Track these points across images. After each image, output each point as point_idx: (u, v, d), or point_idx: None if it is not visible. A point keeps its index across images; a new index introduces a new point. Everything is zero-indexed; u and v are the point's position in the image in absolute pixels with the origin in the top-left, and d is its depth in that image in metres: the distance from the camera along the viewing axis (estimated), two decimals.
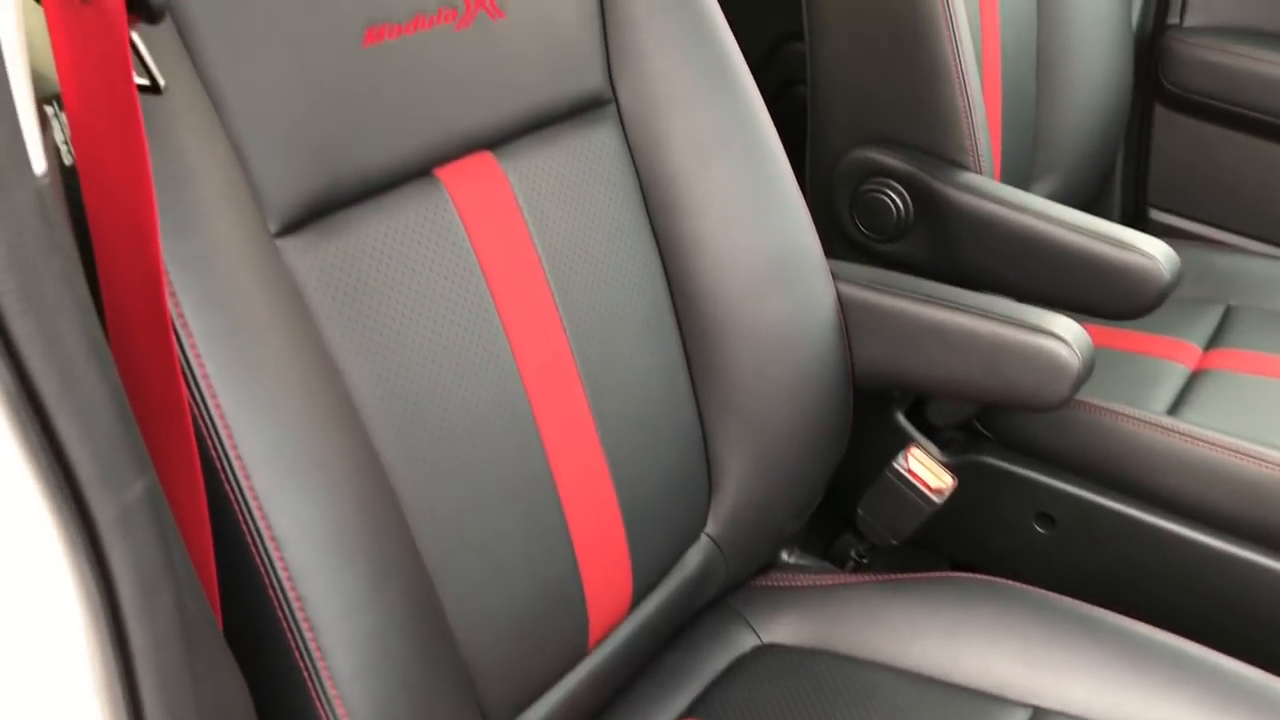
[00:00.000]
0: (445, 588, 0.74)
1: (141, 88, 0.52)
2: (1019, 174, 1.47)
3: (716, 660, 0.97)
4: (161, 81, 0.52)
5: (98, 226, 0.55)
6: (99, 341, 0.43)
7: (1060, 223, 1.16)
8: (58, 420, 0.40)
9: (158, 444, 0.52)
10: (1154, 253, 1.12)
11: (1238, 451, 1.13)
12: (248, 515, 0.61)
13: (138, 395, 0.52)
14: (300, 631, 0.63)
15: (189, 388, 0.59)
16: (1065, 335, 0.96)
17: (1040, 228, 1.16)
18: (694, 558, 0.96)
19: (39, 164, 0.41)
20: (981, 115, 1.22)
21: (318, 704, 0.63)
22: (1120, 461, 1.17)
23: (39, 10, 0.51)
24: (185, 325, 0.59)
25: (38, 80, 0.54)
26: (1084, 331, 0.99)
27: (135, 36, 0.51)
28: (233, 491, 0.61)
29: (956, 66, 1.19)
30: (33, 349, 0.39)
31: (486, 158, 0.83)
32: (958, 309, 0.99)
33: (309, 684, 0.63)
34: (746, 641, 0.99)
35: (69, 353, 0.41)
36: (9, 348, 0.39)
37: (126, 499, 0.44)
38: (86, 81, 0.51)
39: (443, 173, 0.80)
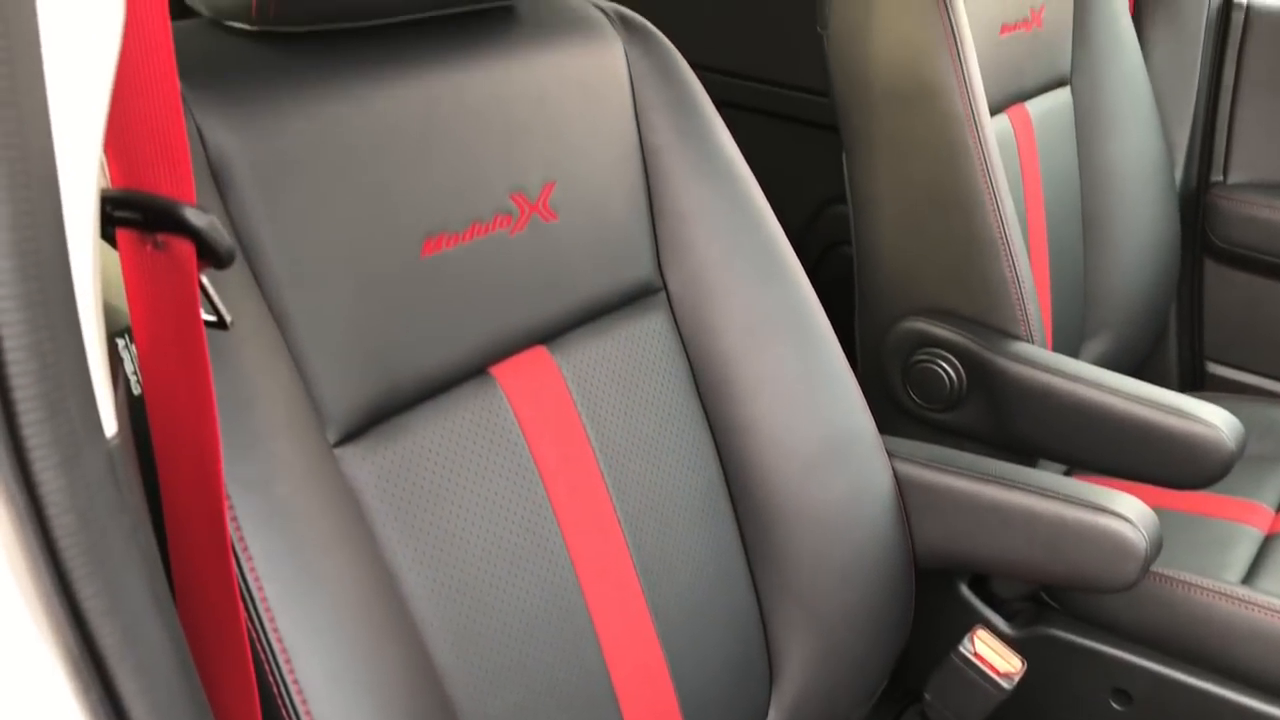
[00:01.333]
0: None
1: (209, 323, 0.54)
2: (1071, 334, 1.46)
3: None
4: (228, 318, 0.54)
5: (163, 455, 0.57)
6: (163, 594, 0.43)
7: (1117, 392, 1.14)
8: (119, 678, 0.40)
9: (218, 682, 0.52)
10: (1215, 421, 1.10)
11: None
12: None
13: (198, 630, 0.53)
14: None
15: (248, 613, 0.59)
16: (1130, 515, 0.94)
17: (1096, 397, 1.15)
18: None
19: (110, 426, 0.42)
20: (1030, 283, 1.23)
21: None
22: (1196, 635, 1.13)
23: (113, 250, 0.54)
24: (245, 549, 0.60)
25: (111, 313, 0.56)
26: (1149, 511, 0.97)
27: (204, 278, 0.53)
28: (290, 718, 0.60)
29: (1002, 236, 1.20)
30: (98, 608, 0.40)
31: (540, 352, 0.84)
32: (1017, 487, 0.97)
33: None
34: None
35: (133, 609, 0.41)
36: (75, 609, 0.39)
37: None
38: (156, 320, 0.53)
39: (498, 370, 0.81)
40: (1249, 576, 1.23)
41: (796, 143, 1.87)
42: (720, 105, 0.99)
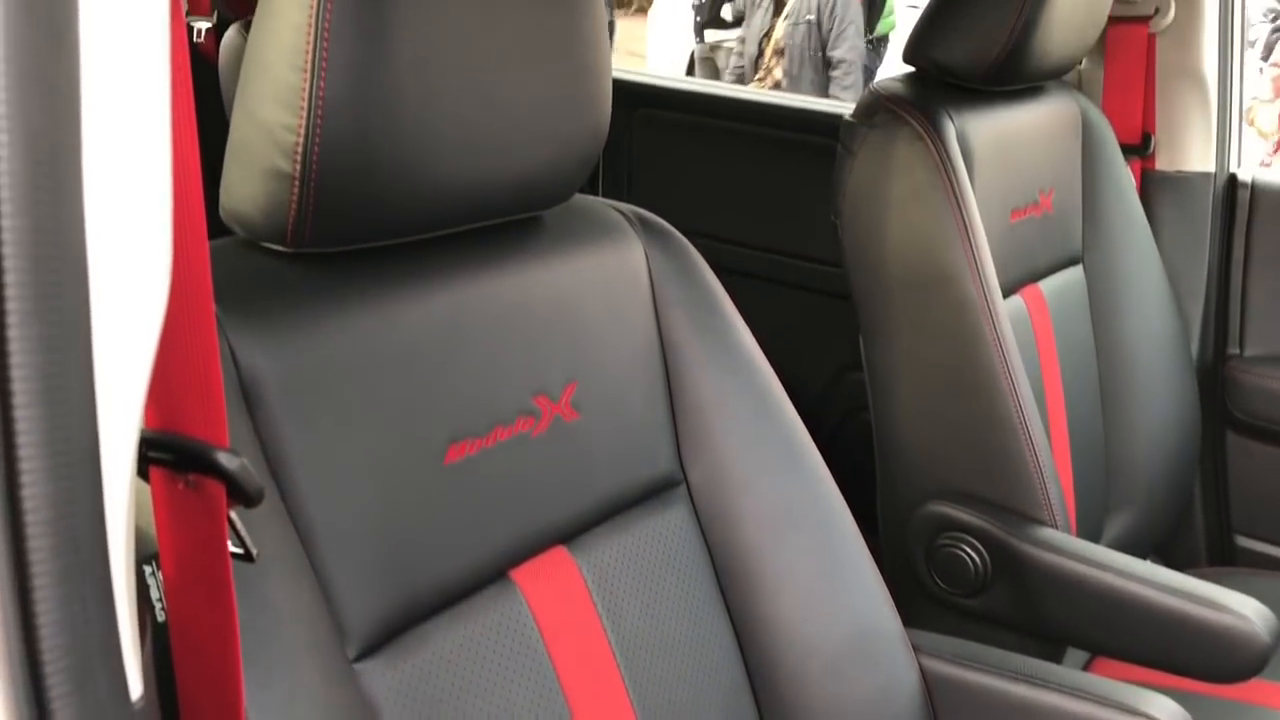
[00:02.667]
0: None
1: (235, 556, 0.55)
2: (1094, 511, 1.45)
3: None
4: (255, 551, 0.55)
5: (184, 682, 0.57)
6: None
7: (1145, 580, 1.13)
8: None
9: None
10: (1248, 613, 1.08)
11: None
12: None
13: None
14: None
15: None
16: (1164, 719, 0.92)
17: (1124, 586, 1.13)
18: None
19: (136, 688, 0.42)
20: (1051, 466, 1.22)
21: None
22: None
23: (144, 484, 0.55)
24: None
25: (139, 538, 0.57)
26: (1184, 712, 0.94)
27: (233, 514, 0.54)
28: None
29: (1021, 420, 1.21)
30: None
31: (560, 553, 0.84)
32: (1048, 687, 0.95)
33: None
34: None
35: None
36: None
37: None
38: (184, 554, 0.54)
39: (518, 574, 0.81)
40: None
41: (812, 311, 1.90)
42: (736, 275, 1.01)
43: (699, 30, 5.54)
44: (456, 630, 0.76)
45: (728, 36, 5.47)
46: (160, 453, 0.51)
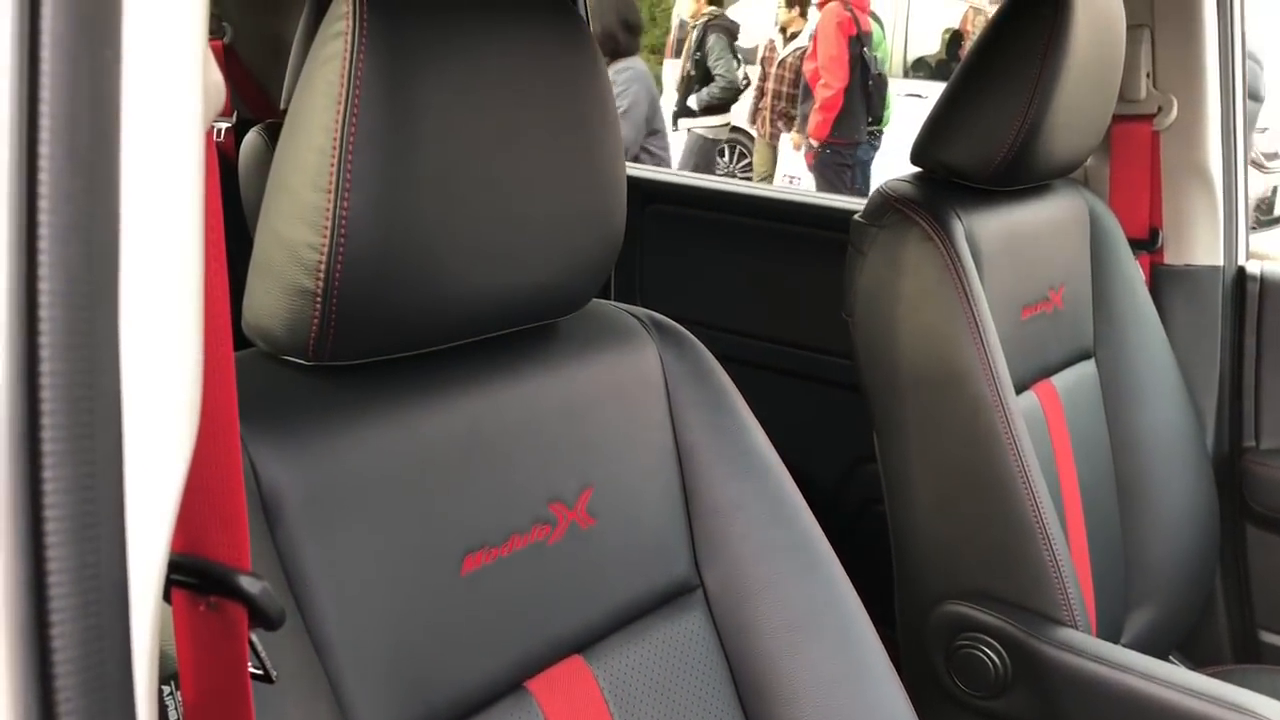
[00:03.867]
0: None
1: (255, 677, 0.55)
2: (1114, 607, 1.43)
3: None
4: (274, 674, 0.55)
5: None
6: None
7: (1167, 683, 1.11)
8: None
9: None
10: (1271, 716, 1.06)
11: None
12: None
13: None
14: None
15: None
16: None
17: (1146, 689, 1.12)
18: None
19: None
20: (1069, 565, 1.22)
21: None
22: None
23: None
24: None
25: (160, 659, 0.57)
26: None
27: (254, 636, 0.54)
28: None
29: (1038, 519, 1.20)
30: None
31: (577, 662, 0.84)
32: None
33: None
34: None
35: None
36: None
37: None
38: (204, 674, 0.54)
39: (534, 684, 0.81)
40: None
41: (826, 403, 1.90)
42: (749, 368, 1.01)
43: (674, 120, 5.83)
44: None
45: (698, 124, 5.83)
46: (184, 575, 0.52)
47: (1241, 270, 1.69)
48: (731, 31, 5.90)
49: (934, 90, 5.82)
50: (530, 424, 0.83)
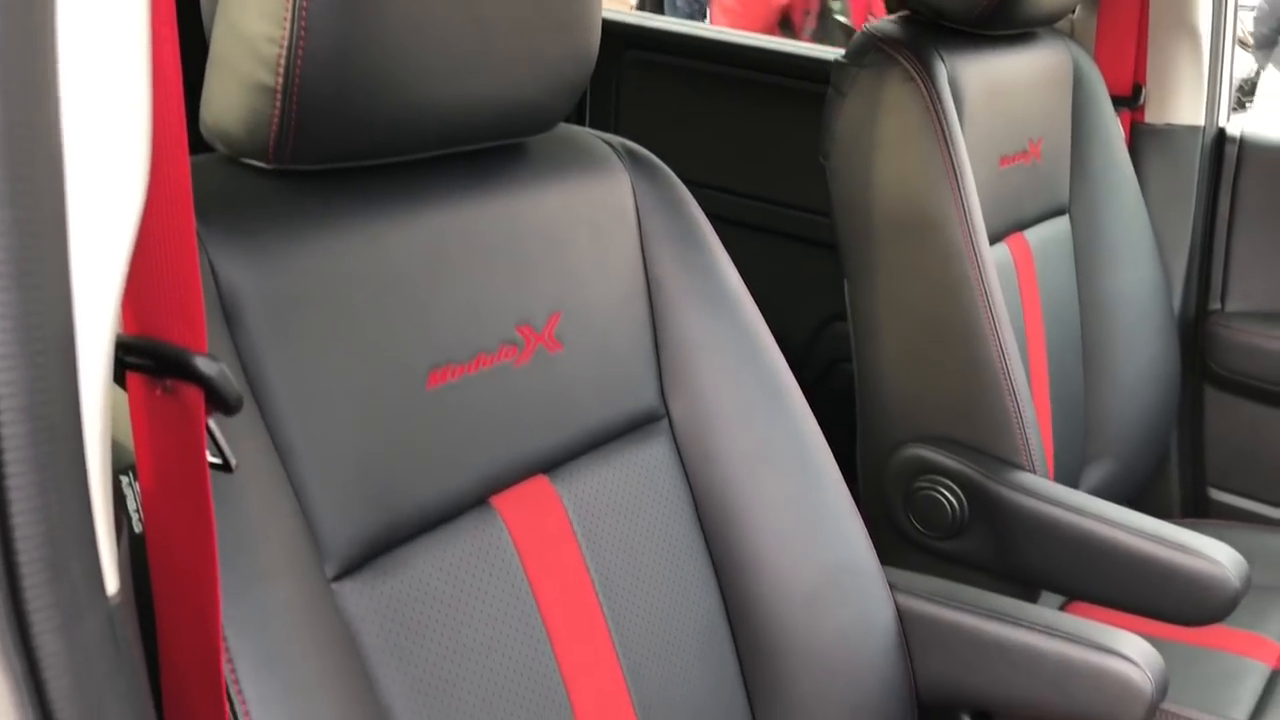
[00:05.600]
0: None
1: (214, 466, 0.54)
2: (1072, 461, 1.46)
3: None
4: (233, 461, 0.54)
5: (161, 595, 0.56)
6: None
7: (1120, 525, 1.14)
8: None
9: None
10: (1220, 558, 1.09)
11: None
12: None
13: None
14: None
15: None
16: (1135, 657, 0.93)
17: (1100, 530, 1.14)
18: None
19: (112, 583, 0.42)
20: (1031, 413, 1.23)
21: None
22: None
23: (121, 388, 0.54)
24: (240, 692, 0.59)
25: (116, 449, 0.56)
26: (1155, 651, 0.96)
27: (211, 422, 0.53)
28: None
29: (1003, 367, 1.21)
30: None
31: (542, 482, 0.84)
32: (1020, 625, 0.96)
33: None
34: None
35: None
36: None
37: None
38: (161, 463, 0.54)
39: (499, 500, 0.81)
40: (1256, 713, 1.21)
41: (798, 261, 1.89)
42: (723, 223, 1.00)
43: None
44: (436, 554, 0.76)
45: None
46: (138, 358, 0.51)
47: (1222, 132, 1.68)
48: None
49: None
50: (497, 244, 0.82)
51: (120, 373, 0.52)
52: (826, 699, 0.93)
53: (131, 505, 0.59)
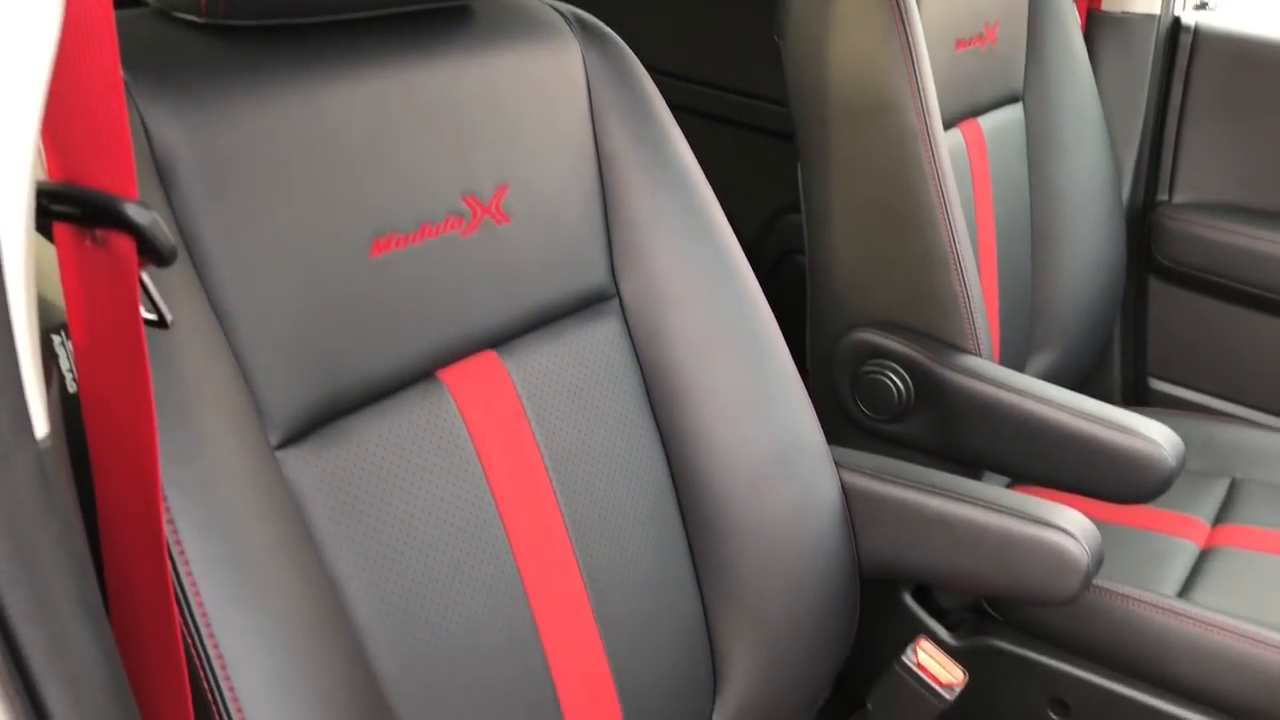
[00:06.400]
0: None
1: (149, 322, 0.53)
2: (1018, 349, 1.48)
3: None
4: (169, 317, 0.53)
5: (98, 455, 0.55)
6: (93, 600, 0.42)
7: (1062, 406, 1.16)
8: (46, 689, 0.39)
9: (151, 689, 0.51)
10: (1157, 437, 1.12)
11: (1249, 638, 1.10)
12: None
13: (132, 636, 0.51)
14: None
15: (184, 619, 0.58)
16: (1073, 529, 0.95)
17: (1041, 411, 1.16)
18: None
19: (41, 427, 0.41)
20: (979, 298, 1.24)
21: None
22: (1134, 647, 1.15)
23: (50, 244, 0.52)
24: (182, 553, 0.58)
25: (47, 308, 0.55)
26: (1091, 525, 0.98)
27: (145, 276, 0.52)
28: None
29: (953, 251, 1.21)
30: (23, 613, 0.39)
31: (490, 357, 0.84)
32: (962, 500, 0.98)
33: None
34: None
35: (62, 618, 0.40)
36: (1, 617, 0.38)
37: None
38: (94, 317, 0.52)
39: (446, 374, 0.80)
40: (1185, 589, 1.25)
41: (752, 151, 1.87)
42: (676, 110, 0.98)
43: None
44: (382, 425, 0.75)
45: None
46: (64, 205, 0.49)
47: (1177, 21, 1.67)
48: None
49: None
50: (442, 110, 0.79)
51: (47, 224, 0.50)
52: (772, 573, 0.95)
53: (64, 365, 0.57)
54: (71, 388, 0.56)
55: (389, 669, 0.70)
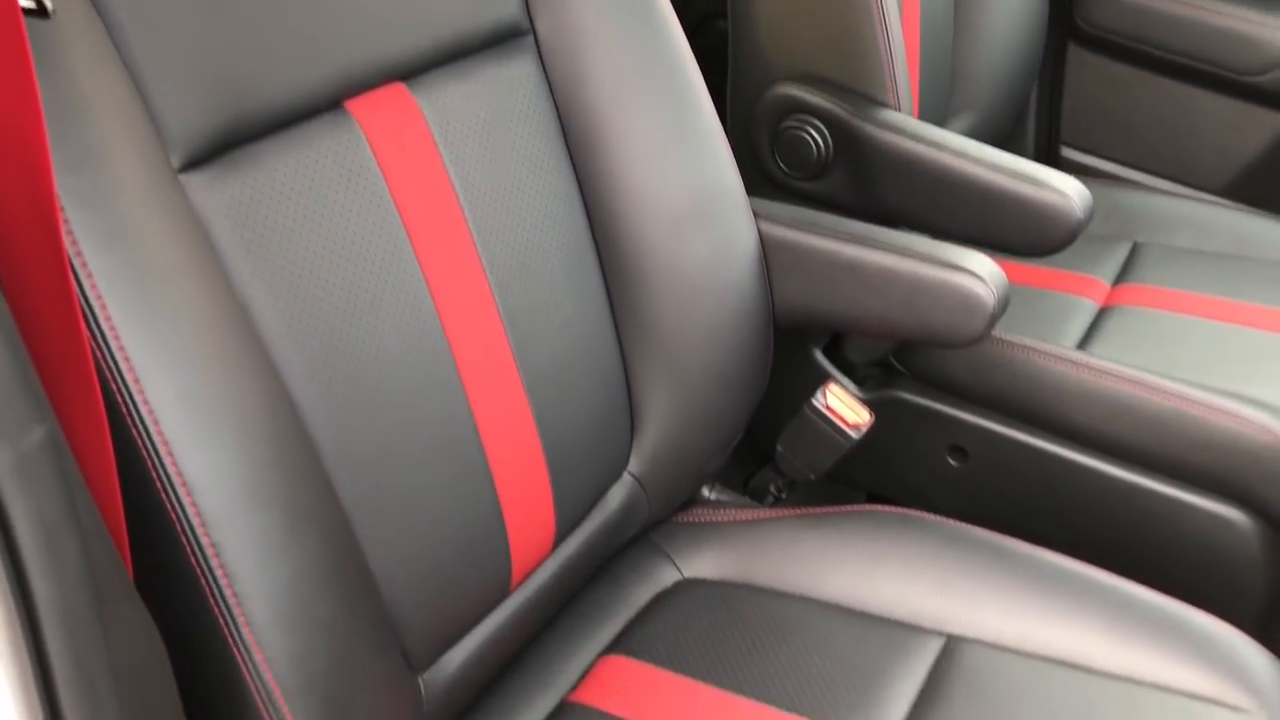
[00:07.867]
0: (364, 531, 0.73)
1: (27, 11, 0.49)
2: (937, 111, 1.47)
3: (639, 596, 0.98)
4: (50, 4, 0.49)
5: None
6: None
7: (976, 160, 1.17)
8: None
9: (58, 389, 0.50)
10: (1067, 190, 1.14)
11: (1140, 384, 1.16)
12: (157, 462, 0.59)
13: (36, 338, 0.50)
14: (215, 580, 0.61)
15: (91, 331, 0.57)
16: (981, 272, 0.97)
17: (957, 165, 1.17)
18: (616, 496, 0.96)
19: None
20: (901, 52, 1.22)
21: (235, 652, 0.62)
22: (1031, 396, 1.20)
23: None
24: (85, 265, 0.57)
25: None
26: (999, 269, 1.01)
27: None
28: (140, 437, 0.59)
29: (877, 3, 1.19)
30: None
31: (399, 89, 0.81)
32: (876, 247, 0.99)
33: (226, 632, 0.62)
34: (668, 576, 1.00)
35: None
36: None
37: (25, 446, 0.43)
38: None
39: (354, 105, 0.77)
40: (1083, 343, 1.30)
41: None
42: None
43: None
44: (290, 155, 0.73)
45: None
46: None
47: None
48: None
49: None
50: None
51: None
52: (689, 318, 0.96)
53: None
54: None
55: (305, 397, 0.70)
